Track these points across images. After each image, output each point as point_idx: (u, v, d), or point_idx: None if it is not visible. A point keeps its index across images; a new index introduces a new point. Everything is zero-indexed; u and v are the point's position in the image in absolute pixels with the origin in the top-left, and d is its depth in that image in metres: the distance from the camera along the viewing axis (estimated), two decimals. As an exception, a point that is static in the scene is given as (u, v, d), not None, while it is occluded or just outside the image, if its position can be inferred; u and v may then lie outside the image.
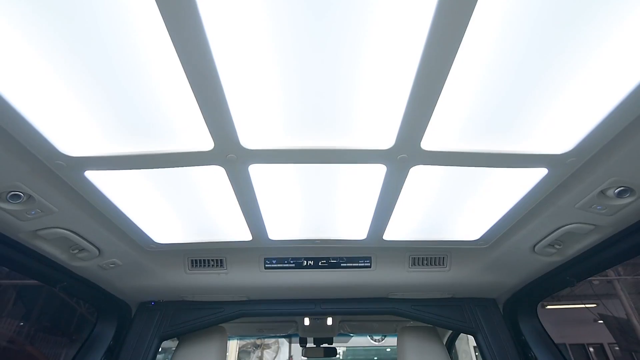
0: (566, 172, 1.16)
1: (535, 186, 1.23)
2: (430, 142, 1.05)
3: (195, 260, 1.86)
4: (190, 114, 0.96)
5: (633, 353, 10.40)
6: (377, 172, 1.18)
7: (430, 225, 1.57)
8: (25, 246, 1.40)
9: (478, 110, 0.99)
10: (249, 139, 1.04)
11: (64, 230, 1.38)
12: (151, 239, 1.61)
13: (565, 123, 1.01)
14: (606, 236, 1.41)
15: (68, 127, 1.01)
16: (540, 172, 1.17)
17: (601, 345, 11.79)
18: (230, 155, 1.08)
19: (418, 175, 1.21)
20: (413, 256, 1.84)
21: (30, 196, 1.16)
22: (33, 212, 1.23)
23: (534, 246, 1.58)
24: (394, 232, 1.59)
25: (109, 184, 1.24)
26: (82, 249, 1.53)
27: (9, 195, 1.12)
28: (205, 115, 0.96)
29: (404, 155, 1.08)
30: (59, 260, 1.55)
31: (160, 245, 1.67)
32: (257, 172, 1.18)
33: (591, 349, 11.87)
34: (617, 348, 11.47)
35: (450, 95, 0.92)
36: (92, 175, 1.16)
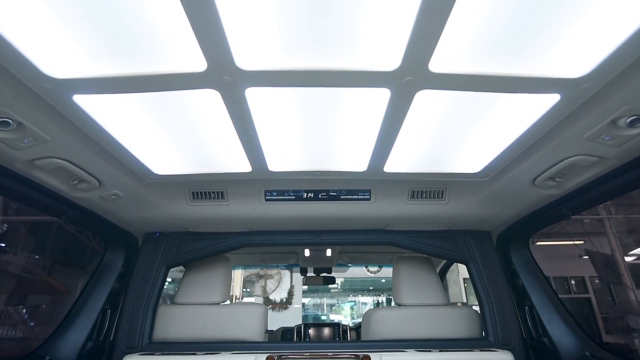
0: (579, 98, 1.10)
1: (545, 114, 1.18)
2: (438, 63, 0.98)
3: (196, 192, 1.87)
4: (181, 31, 0.89)
5: (611, 284, 11.18)
6: (381, 98, 1.12)
7: (432, 157, 1.55)
8: (26, 177, 1.40)
9: (490, 28, 0.91)
10: (244, 59, 0.97)
11: (60, 160, 1.36)
12: (150, 170, 1.60)
13: (582, 45, 0.94)
14: (608, 169, 1.40)
15: (51, 47, 0.94)
16: (552, 99, 1.11)
17: (582, 278, 12.61)
18: (225, 77, 1.01)
19: (423, 102, 1.15)
20: (412, 189, 1.84)
21: (20, 123, 1.13)
22: (26, 141, 1.20)
23: (535, 179, 1.58)
24: (394, 164, 1.57)
25: (101, 111, 1.19)
26: (81, 180, 1.53)
27: None
28: (197, 32, 0.88)
29: (410, 78, 1.02)
30: (60, 192, 1.56)
31: (160, 177, 1.67)
32: (255, 97, 1.12)
33: (572, 282, 12.72)
34: (597, 281, 12.28)
35: (461, 11, 0.84)
36: (81, 100, 1.11)
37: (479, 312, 2.11)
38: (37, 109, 1.11)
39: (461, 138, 1.41)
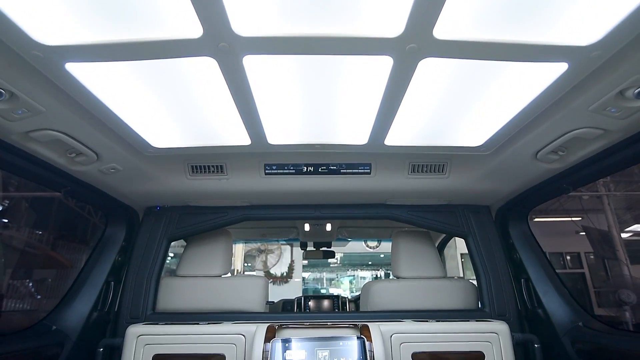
0: (588, 67, 1.07)
1: (551, 85, 1.15)
2: (443, 29, 0.94)
3: (196, 166, 1.86)
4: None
5: (605, 260, 11.41)
6: (382, 67, 1.09)
7: (433, 130, 1.53)
8: (23, 150, 1.39)
9: None
10: (241, 24, 0.93)
11: (56, 132, 1.34)
12: (148, 143, 1.58)
13: (593, 12, 0.90)
14: (612, 142, 1.38)
15: (41, 13, 0.90)
16: (560, 68, 1.08)
17: (578, 253, 12.86)
18: (222, 44, 0.98)
19: (426, 71, 1.12)
20: (413, 163, 1.83)
21: (12, 93, 1.10)
22: (20, 112, 1.18)
23: (537, 153, 1.56)
24: (395, 137, 1.55)
25: (95, 81, 1.16)
26: (79, 153, 1.51)
27: None
28: None
29: (414, 45, 0.98)
30: (58, 165, 1.55)
31: (159, 150, 1.65)
32: (253, 66, 1.09)
33: (568, 257, 12.97)
34: (592, 256, 12.53)
35: None
36: (74, 68, 1.08)
37: (476, 284, 2.15)
38: (29, 79, 1.08)
39: (464, 110, 1.38)
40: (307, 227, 3.22)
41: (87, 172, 1.65)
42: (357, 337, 1.56)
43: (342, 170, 1.87)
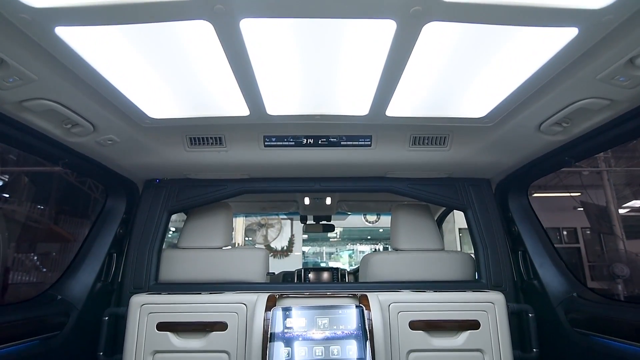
0: (598, 33, 1.03)
1: (560, 52, 1.11)
2: None
3: (194, 137, 1.84)
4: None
5: (601, 234, 11.59)
6: (385, 32, 1.04)
7: (436, 100, 1.49)
8: (18, 121, 1.36)
9: None
10: None
11: (50, 102, 1.31)
12: (145, 113, 1.55)
13: None
14: (618, 113, 1.36)
15: None
16: (569, 33, 1.04)
17: (574, 229, 13.04)
18: (217, 6, 0.93)
19: (430, 37, 1.08)
20: (414, 135, 1.81)
21: (2, 60, 1.07)
22: (11, 80, 1.15)
23: (540, 124, 1.54)
24: (397, 108, 1.52)
25: (87, 47, 1.12)
26: (75, 124, 1.49)
27: None
28: None
29: (418, 7, 0.94)
30: (54, 136, 1.53)
31: (156, 121, 1.63)
32: (250, 31, 1.04)
33: (564, 232, 13.17)
34: (588, 232, 12.72)
35: None
36: (64, 33, 1.04)
37: (474, 257, 2.18)
38: (18, 44, 1.04)
39: (468, 79, 1.34)
40: (307, 200, 3.23)
41: (84, 143, 1.63)
42: (356, 306, 1.59)
43: (342, 143, 1.85)
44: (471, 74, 1.31)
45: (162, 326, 1.73)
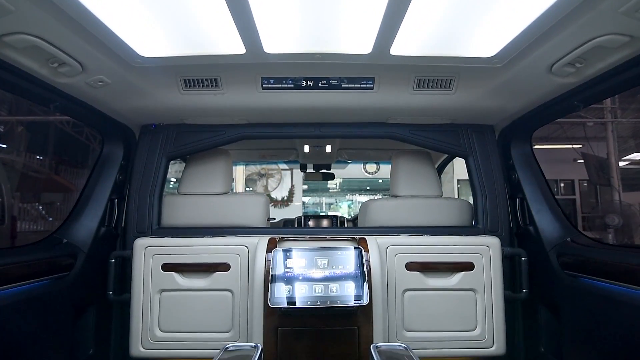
0: None
1: None
2: None
3: (189, 79, 1.76)
4: None
5: (598, 186, 11.73)
6: None
7: (443, 37, 1.40)
8: (1, 59, 1.29)
9: None
10: None
11: (32, 37, 1.23)
12: (135, 52, 1.47)
13: None
14: (635, 53, 1.28)
15: None
16: None
17: (572, 180, 13.17)
18: None
19: None
20: (419, 77, 1.73)
21: None
22: None
23: (552, 65, 1.46)
24: (401, 46, 1.43)
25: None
26: (62, 63, 1.41)
27: None
28: None
29: None
30: (42, 77, 1.46)
31: (147, 60, 1.54)
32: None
33: (562, 184, 13.32)
34: (585, 184, 12.87)
35: None
36: None
37: (472, 204, 2.20)
38: None
39: (478, 14, 1.24)
40: (306, 148, 3.20)
41: (74, 84, 1.57)
42: (355, 248, 1.64)
43: (343, 85, 1.77)
44: (482, 8, 1.22)
45: (167, 267, 1.79)
